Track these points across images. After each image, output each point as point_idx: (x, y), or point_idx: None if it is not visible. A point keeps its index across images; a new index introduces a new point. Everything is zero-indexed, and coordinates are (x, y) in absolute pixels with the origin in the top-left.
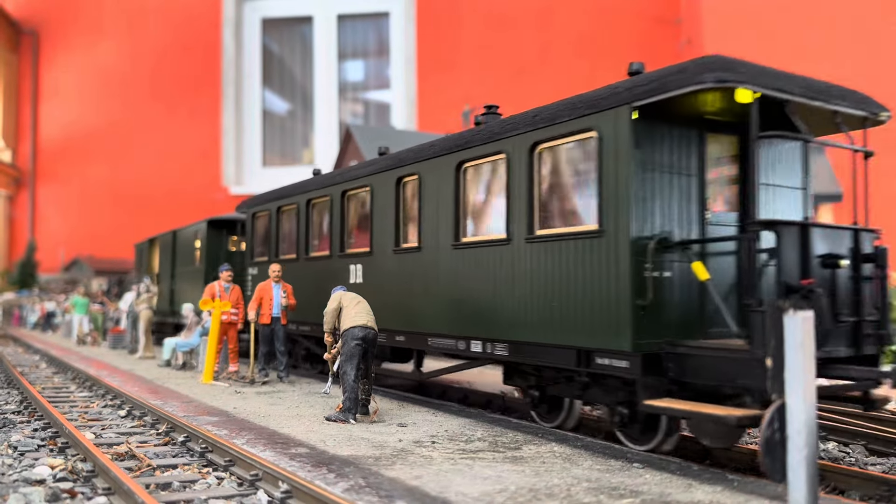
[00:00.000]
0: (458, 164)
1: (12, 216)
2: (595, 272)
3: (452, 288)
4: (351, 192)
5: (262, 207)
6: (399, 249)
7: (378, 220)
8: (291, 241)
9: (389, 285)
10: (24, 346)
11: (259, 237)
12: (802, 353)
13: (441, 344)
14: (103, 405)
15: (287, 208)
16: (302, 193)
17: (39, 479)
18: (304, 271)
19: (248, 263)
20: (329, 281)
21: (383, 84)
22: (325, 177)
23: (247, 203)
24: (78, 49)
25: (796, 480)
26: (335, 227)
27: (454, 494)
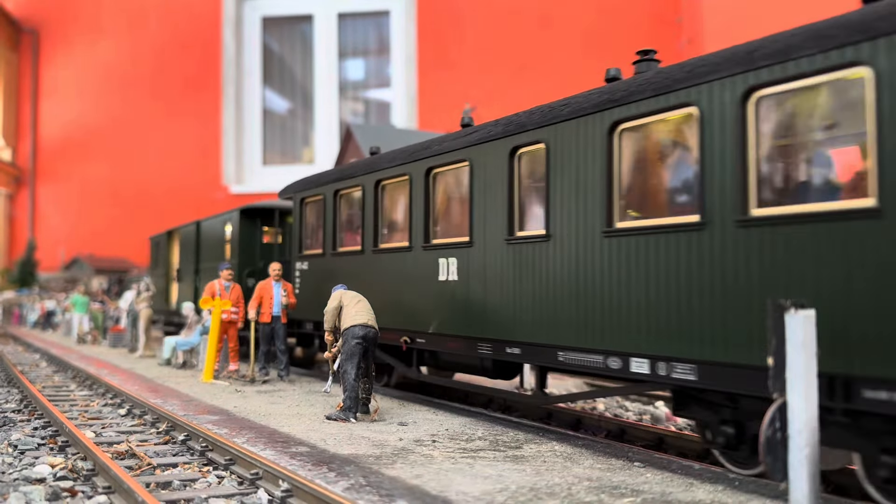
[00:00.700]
0: (612, 126)
1: (12, 215)
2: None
3: (603, 288)
4: (440, 169)
5: (314, 192)
6: (515, 239)
7: (481, 203)
8: (354, 230)
9: (499, 283)
10: (25, 345)
11: (309, 226)
12: (804, 352)
13: (578, 360)
14: (103, 404)
15: (348, 192)
16: (369, 173)
17: (40, 478)
18: (373, 267)
19: (294, 257)
20: (409, 278)
21: (384, 83)
22: (402, 152)
23: (293, 187)
24: (78, 47)
25: (797, 479)
26: (417, 212)
27: (455, 493)
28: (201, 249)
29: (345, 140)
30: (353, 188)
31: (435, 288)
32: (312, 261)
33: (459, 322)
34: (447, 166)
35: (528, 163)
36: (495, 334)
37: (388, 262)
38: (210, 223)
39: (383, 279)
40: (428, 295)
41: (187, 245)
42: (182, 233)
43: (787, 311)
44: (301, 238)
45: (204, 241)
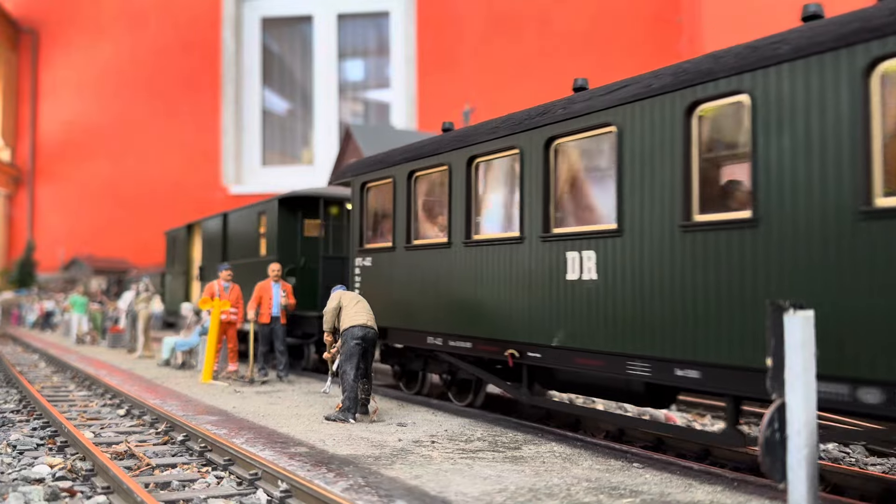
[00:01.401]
0: (871, 63)
1: (11, 215)
2: None
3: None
4: (567, 139)
5: (381, 174)
6: (695, 226)
7: (634, 180)
8: (437, 219)
9: (667, 284)
10: (23, 346)
11: (374, 216)
12: (802, 352)
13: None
14: (102, 404)
15: (428, 172)
16: (458, 149)
17: (39, 478)
18: (464, 263)
19: (353, 252)
20: (518, 277)
21: (383, 83)
22: (507, 121)
23: (351, 169)
24: (77, 48)
25: (796, 480)
26: (532, 195)
27: (454, 494)
28: (229, 245)
29: (344, 141)
30: (436, 168)
31: (560, 289)
32: (378, 256)
33: (599, 333)
34: (578, 134)
35: (713, 124)
36: (658, 351)
37: (487, 256)
38: (240, 215)
39: (479, 278)
40: (548, 298)
41: (212, 240)
42: (205, 226)
43: (785, 311)
44: (362, 230)
45: (233, 235)
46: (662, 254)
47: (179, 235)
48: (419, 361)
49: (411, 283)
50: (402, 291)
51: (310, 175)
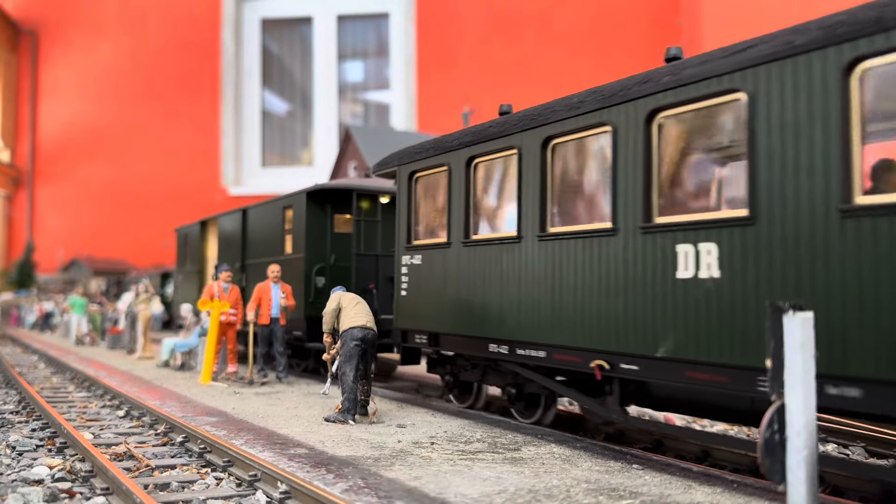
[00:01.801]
0: None
1: (11, 216)
2: None
3: None
4: (675, 111)
5: (433, 162)
6: (855, 210)
7: (773, 157)
8: (502, 211)
9: (821, 280)
10: (23, 347)
11: (423, 209)
12: (802, 353)
13: None
14: (102, 405)
15: (491, 158)
16: (530, 129)
17: (38, 479)
18: (538, 259)
19: (400, 250)
20: (609, 275)
21: (383, 84)
22: (595, 94)
23: (397, 157)
24: (77, 49)
25: (796, 481)
26: (627, 179)
27: (453, 495)
28: (249, 242)
29: (344, 142)
30: (502, 153)
31: (668, 289)
32: (430, 254)
33: (721, 342)
34: (690, 105)
35: (880, 84)
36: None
37: (568, 252)
38: (262, 210)
39: (557, 277)
40: (650, 300)
41: (229, 237)
42: (222, 223)
43: (785, 312)
44: (410, 225)
45: (253, 231)
46: (813, 244)
47: (192, 232)
48: (475, 371)
49: (470, 283)
50: (458, 293)
51: (309, 176)
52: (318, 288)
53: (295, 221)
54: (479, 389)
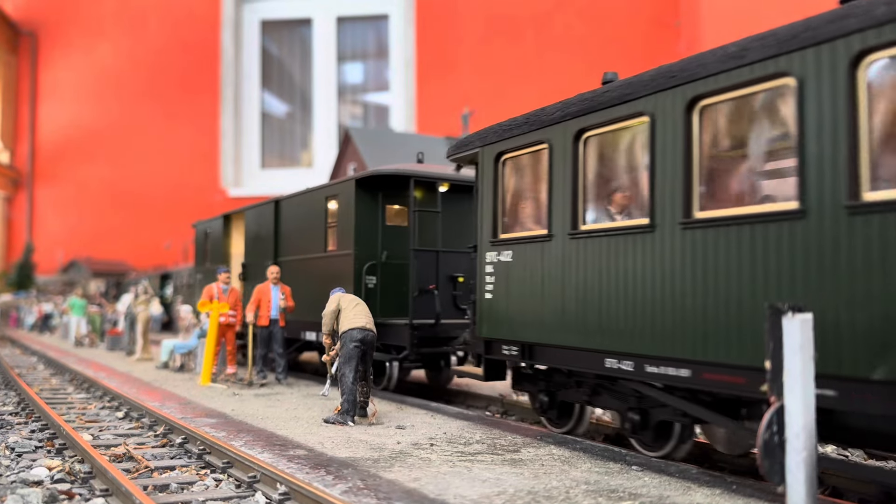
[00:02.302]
0: None
1: (10, 217)
2: None
3: None
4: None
5: (529, 140)
6: None
7: None
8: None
9: None
10: (22, 348)
11: (513, 195)
12: (801, 355)
13: None
14: (101, 407)
15: (608, 131)
16: (666, 91)
17: (37, 481)
18: (681, 252)
19: (483, 245)
20: (798, 270)
21: (382, 86)
22: (770, 38)
23: (479, 137)
24: (76, 50)
25: (795, 483)
26: (824, 145)
27: (453, 497)
28: (282, 238)
29: (343, 143)
30: (625, 122)
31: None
32: (523, 249)
33: None
34: None
35: None
36: None
37: (721, 242)
38: (299, 201)
39: (710, 275)
40: (863, 307)
41: (258, 233)
42: (249, 217)
43: (784, 314)
44: (496, 215)
45: (287, 226)
46: None
47: (213, 228)
48: (580, 390)
49: (579, 282)
50: (561, 295)
51: (309, 178)
52: (370, 289)
53: (340, 213)
54: (582, 412)
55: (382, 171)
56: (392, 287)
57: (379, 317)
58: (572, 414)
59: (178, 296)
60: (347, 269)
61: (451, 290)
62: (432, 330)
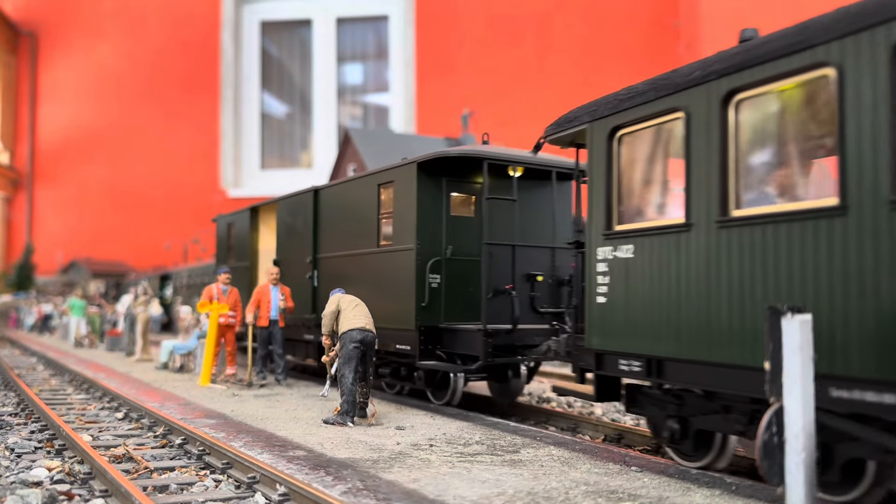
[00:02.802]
0: None
1: (10, 218)
2: None
3: None
4: None
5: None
6: None
7: None
8: (799, 168)
9: None
10: (21, 349)
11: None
12: (800, 356)
13: None
14: (100, 407)
15: (765, 92)
16: (860, 33)
17: (37, 481)
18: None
19: (595, 238)
20: None
21: (382, 87)
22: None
23: (589, 111)
24: (76, 51)
25: (794, 483)
26: None
27: (452, 497)
28: (322, 231)
29: (343, 144)
30: (797, 77)
31: None
32: (649, 242)
33: None
34: None
35: None
36: None
37: None
38: (344, 190)
39: None
40: None
41: (294, 225)
42: (283, 207)
43: (783, 315)
44: (610, 202)
45: (329, 218)
46: None
47: (239, 222)
48: (729, 418)
49: (732, 282)
50: (705, 297)
51: (309, 178)
52: (433, 288)
53: (398, 202)
54: (725, 443)
55: (450, 152)
56: (456, 287)
57: (443, 321)
58: (711, 445)
59: (178, 296)
60: (407, 265)
61: (529, 291)
62: (508, 337)
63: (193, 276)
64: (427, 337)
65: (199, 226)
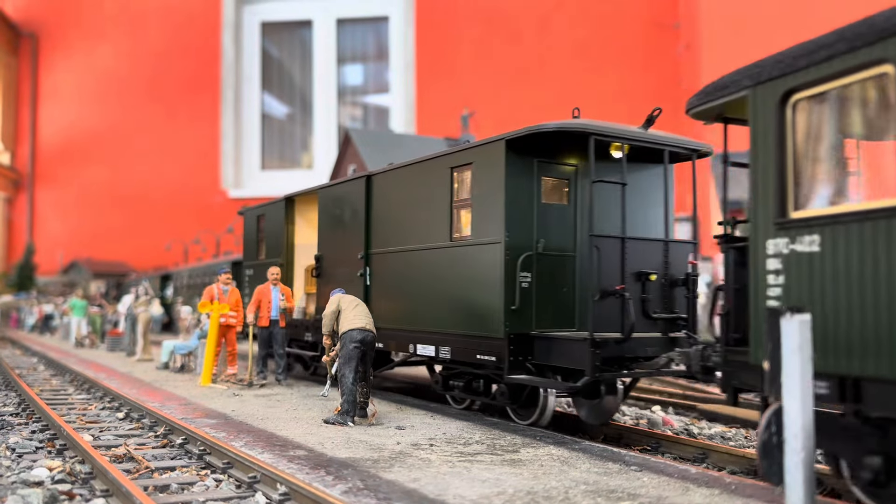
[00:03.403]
0: None
1: (11, 219)
2: None
3: None
4: None
5: (841, 67)
6: None
7: None
8: None
9: None
10: (22, 349)
11: (815, 150)
12: (800, 356)
13: None
14: (101, 407)
15: None
16: None
17: (38, 481)
18: None
19: (764, 229)
20: None
21: (382, 88)
22: None
23: (750, 73)
24: (77, 52)
25: (793, 483)
26: None
27: (452, 497)
28: (376, 223)
29: (343, 145)
30: None
31: None
32: (845, 231)
33: None
34: None
35: None
36: None
37: None
38: (406, 174)
39: None
40: None
41: (340, 216)
42: (326, 197)
43: (782, 315)
44: (783, 183)
45: (384, 206)
46: None
47: (270, 214)
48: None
49: None
50: None
51: (309, 179)
52: (524, 289)
53: (478, 187)
54: None
55: (546, 127)
56: (547, 287)
57: (534, 327)
58: None
59: (179, 297)
60: (492, 262)
61: (638, 292)
62: (618, 348)
63: (194, 276)
64: (517, 346)
65: (200, 226)
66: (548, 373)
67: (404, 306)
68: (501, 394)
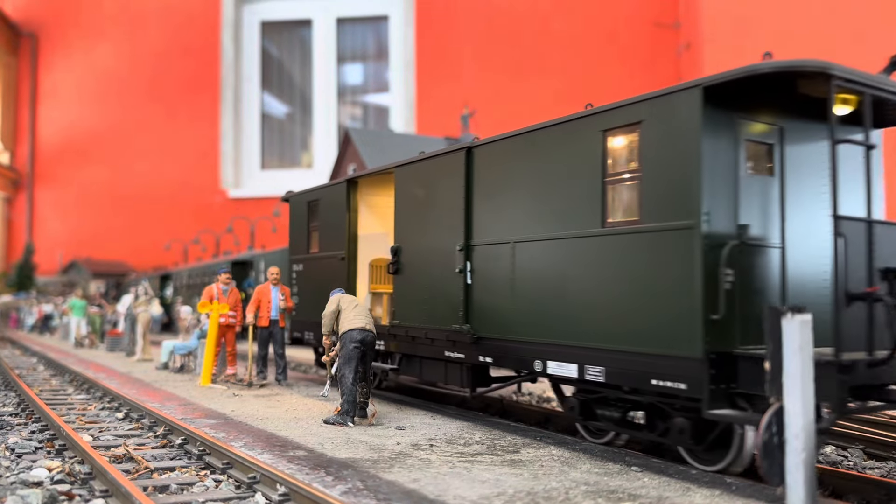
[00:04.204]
0: None
1: (10, 218)
2: None
3: None
4: None
5: None
6: None
7: None
8: None
9: None
10: (22, 349)
11: None
12: (801, 356)
13: None
14: (101, 407)
15: None
16: None
17: (37, 482)
18: None
19: None
20: None
21: (382, 87)
22: None
23: None
24: (77, 52)
25: (794, 484)
26: None
27: (452, 497)
28: (478, 206)
29: (343, 144)
30: None
31: None
32: None
33: None
34: None
35: None
36: None
37: None
38: (526, 142)
39: None
40: None
41: (428, 200)
42: (405, 176)
43: (783, 315)
44: None
45: (488, 184)
46: None
47: (326, 199)
48: None
49: None
50: None
51: (309, 179)
52: (728, 291)
53: (651, 154)
54: None
55: (759, 68)
56: (745, 288)
57: (721, 346)
58: None
59: (179, 296)
60: (681, 254)
61: (891, 296)
62: (871, 372)
63: (194, 276)
64: (719, 370)
65: (200, 226)
66: (754, 405)
67: (525, 311)
68: (680, 431)
